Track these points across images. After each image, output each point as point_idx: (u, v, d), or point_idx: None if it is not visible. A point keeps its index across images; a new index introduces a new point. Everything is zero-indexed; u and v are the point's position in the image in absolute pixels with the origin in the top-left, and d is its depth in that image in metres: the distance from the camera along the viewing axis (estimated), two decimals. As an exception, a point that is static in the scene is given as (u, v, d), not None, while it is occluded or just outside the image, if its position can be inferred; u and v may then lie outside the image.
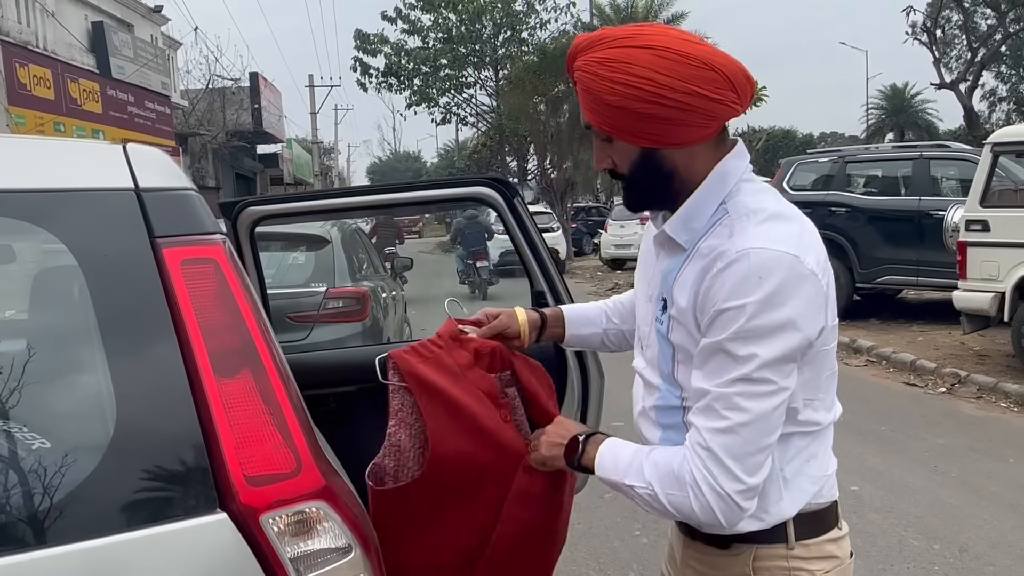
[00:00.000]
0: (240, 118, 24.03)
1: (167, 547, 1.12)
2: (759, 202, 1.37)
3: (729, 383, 1.28)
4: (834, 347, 1.42)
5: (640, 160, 1.39)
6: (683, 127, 1.34)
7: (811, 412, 1.40)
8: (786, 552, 1.42)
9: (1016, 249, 6.87)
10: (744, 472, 1.29)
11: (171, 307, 1.21)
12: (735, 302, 1.27)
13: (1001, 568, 3.83)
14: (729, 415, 1.28)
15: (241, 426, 1.19)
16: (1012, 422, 6.22)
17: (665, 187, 1.41)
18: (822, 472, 1.45)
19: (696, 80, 1.30)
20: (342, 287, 5.66)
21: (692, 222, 1.39)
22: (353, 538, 1.25)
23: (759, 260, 1.27)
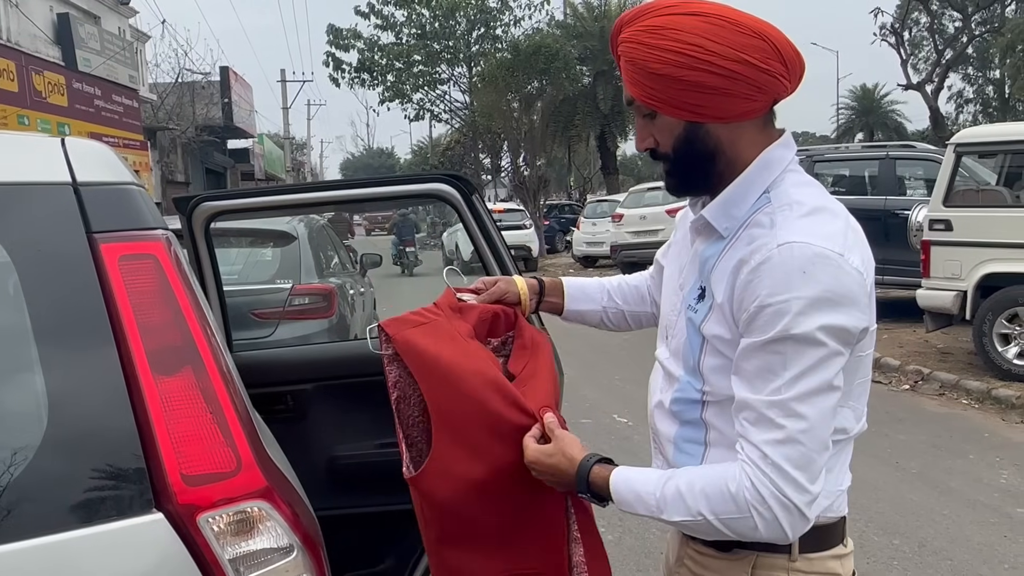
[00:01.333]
0: (210, 112, 23.77)
1: (101, 548, 1.10)
2: (804, 194, 1.31)
3: (784, 388, 1.22)
4: (871, 354, 1.36)
5: (684, 135, 1.33)
6: (730, 97, 1.28)
7: (842, 419, 1.32)
8: (787, 564, 1.35)
9: (978, 248, 6.97)
10: (809, 481, 1.23)
11: (108, 304, 1.18)
12: (780, 298, 1.21)
13: (959, 563, 3.89)
14: (787, 423, 1.21)
15: (180, 425, 1.17)
16: (972, 419, 6.32)
17: (709, 167, 1.34)
18: (836, 487, 1.38)
19: (747, 48, 1.26)
20: (308, 284, 5.62)
21: (733, 209, 1.33)
22: (295, 538, 1.23)
23: (804, 255, 1.21)
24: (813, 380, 1.21)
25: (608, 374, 7.58)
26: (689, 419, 1.37)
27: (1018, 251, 6.73)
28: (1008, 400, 6.44)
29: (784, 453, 1.21)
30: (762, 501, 1.22)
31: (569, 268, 20.24)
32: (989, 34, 26.62)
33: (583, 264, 19.96)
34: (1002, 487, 4.85)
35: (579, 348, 8.55)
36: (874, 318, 1.31)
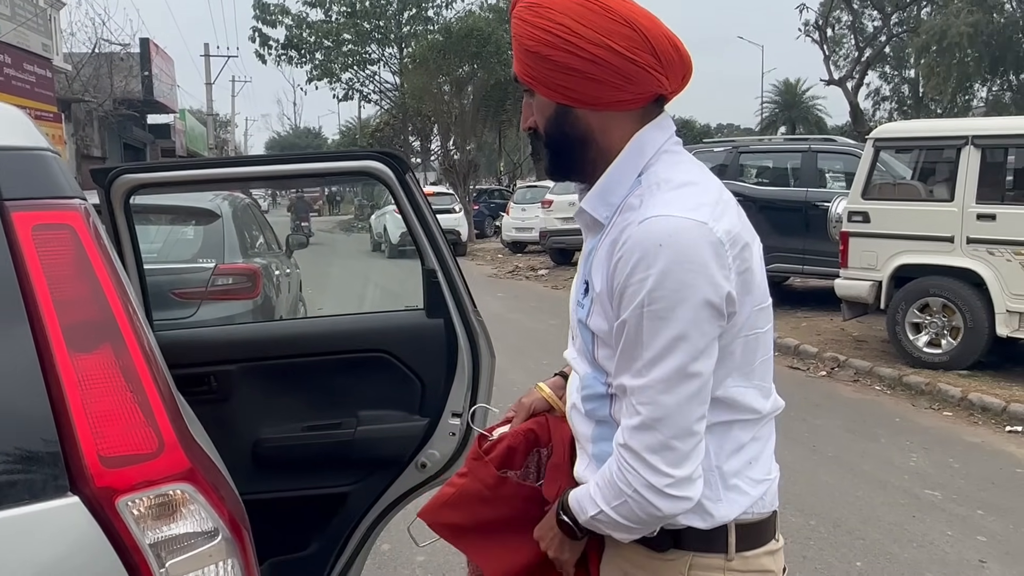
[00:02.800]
0: (129, 86, 22.87)
1: (13, 533, 1.04)
2: (675, 171, 1.29)
3: (641, 371, 1.21)
4: (769, 330, 1.35)
5: (555, 117, 1.32)
6: (596, 83, 1.26)
7: (748, 399, 1.32)
8: (724, 563, 1.33)
9: (893, 240, 7.22)
10: (670, 465, 1.21)
11: (20, 276, 1.12)
12: (637, 276, 1.19)
13: (871, 542, 4.03)
14: (643, 410, 1.21)
15: (97, 404, 1.11)
16: (885, 404, 6.56)
17: (578, 153, 1.33)
18: (765, 475, 1.37)
19: (613, 34, 1.24)
20: (232, 263, 5.47)
21: (610, 196, 1.31)
22: (220, 521, 1.19)
23: (660, 227, 1.19)
24: (671, 363, 1.19)
25: (536, 358, 7.62)
26: (601, 417, 1.35)
27: (930, 243, 7.00)
28: (918, 387, 6.70)
29: (640, 439, 1.21)
30: (628, 485, 1.22)
31: (498, 253, 20.25)
32: (906, 34, 27.54)
33: (512, 250, 20.00)
34: (911, 469, 5.05)
35: (507, 333, 8.57)
36: (764, 295, 1.31)
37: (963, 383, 6.58)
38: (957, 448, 5.46)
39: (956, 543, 4.03)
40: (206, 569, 1.18)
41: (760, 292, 1.30)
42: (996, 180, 7.12)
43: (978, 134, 6.88)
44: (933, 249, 6.99)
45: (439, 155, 28.90)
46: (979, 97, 31.35)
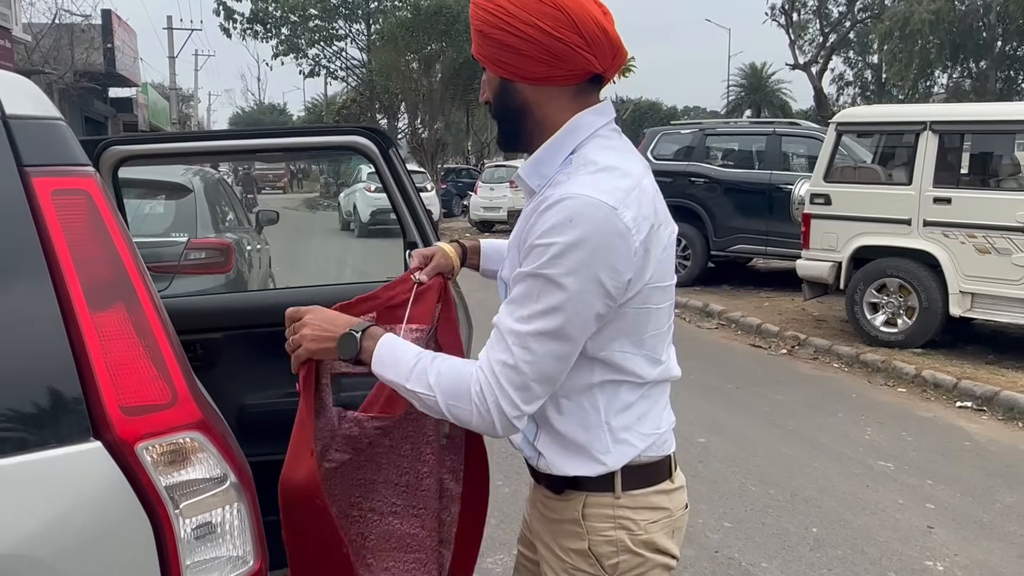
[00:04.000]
0: (90, 58, 22.42)
1: (42, 472, 1.12)
2: (602, 155, 1.42)
3: (524, 320, 1.35)
4: (666, 308, 1.48)
5: (499, 90, 1.48)
6: (527, 59, 1.41)
7: (633, 365, 1.45)
8: (613, 501, 1.48)
9: (853, 222, 7.43)
10: (524, 402, 1.37)
11: (42, 238, 1.19)
12: (544, 240, 1.32)
13: (826, 509, 4.22)
14: (516, 352, 1.35)
15: (115, 358, 1.19)
16: (843, 381, 6.78)
17: (518, 123, 1.49)
18: (654, 429, 1.51)
19: (541, 15, 1.38)
20: (205, 238, 5.49)
21: (542, 168, 1.46)
22: (228, 468, 1.28)
23: (575, 205, 1.32)
24: (550, 321, 1.33)
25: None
26: None
27: (888, 226, 7.22)
28: (874, 364, 6.93)
29: (507, 376, 1.36)
30: (483, 403, 1.37)
31: (466, 232, 20.29)
32: (870, 20, 27.91)
33: (480, 229, 20.05)
34: (866, 442, 5.26)
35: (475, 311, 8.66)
36: (661, 276, 1.44)
37: (917, 361, 6.82)
38: (910, 422, 5.68)
39: (906, 510, 4.23)
40: (215, 511, 1.27)
41: (659, 273, 1.43)
42: (952, 165, 7.35)
43: (936, 120, 7.09)
44: (891, 231, 7.21)
45: (407, 133, 28.76)
46: (940, 84, 31.90)
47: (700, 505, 4.23)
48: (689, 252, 10.64)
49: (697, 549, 3.74)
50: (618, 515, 1.49)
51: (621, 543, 1.49)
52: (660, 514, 1.52)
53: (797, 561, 3.67)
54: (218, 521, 1.27)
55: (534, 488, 1.62)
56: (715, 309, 9.22)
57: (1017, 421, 5.69)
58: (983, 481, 4.64)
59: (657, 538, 1.51)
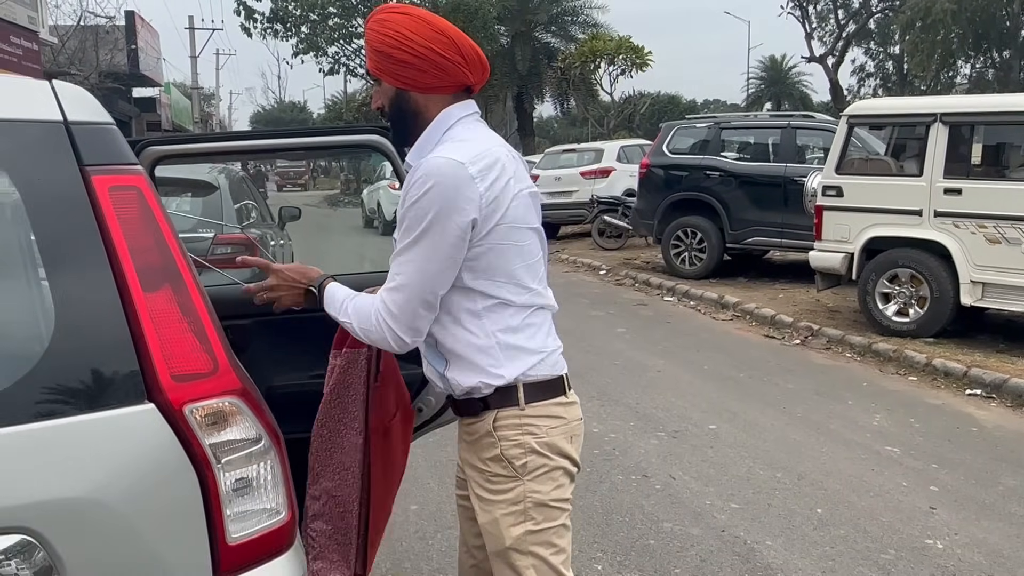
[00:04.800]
0: (115, 59, 22.83)
1: (103, 429, 1.30)
2: (461, 133, 1.84)
3: (401, 252, 1.77)
4: (528, 246, 1.87)
5: (395, 98, 1.89)
6: (422, 73, 1.82)
7: (507, 293, 1.83)
8: (518, 412, 1.85)
9: (865, 213, 7.52)
10: (407, 319, 1.79)
11: (100, 228, 1.37)
12: (411, 192, 1.74)
13: (831, 492, 4.35)
14: (395, 279, 1.78)
15: (165, 332, 1.37)
16: (854, 370, 6.89)
17: (412, 124, 1.89)
18: (541, 347, 1.88)
19: (433, 40, 1.81)
20: (231, 234, 5.69)
21: (422, 151, 1.85)
22: (262, 429, 1.46)
23: (431, 164, 1.74)
24: (415, 252, 1.75)
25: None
26: None
27: (900, 217, 7.30)
28: (886, 353, 7.03)
29: (393, 299, 1.78)
30: (381, 322, 1.80)
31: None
32: (890, 11, 27.77)
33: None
34: (874, 429, 5.38)
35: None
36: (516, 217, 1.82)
37: (928, 350, 6.91)
38: (919, 410, 5.79)
39: (910, 492, 4.36)
40: (251, 468, 1.44)
41: (514, 216, 1.81)
42: (963, 156, 7.41)
43: (946, 112, 7.16)
44: (902, 222, 7.29)
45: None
46: (962, 74, 31.67)
47: (709, 488, 4.38)
48: (704, 245, 10.74)
49: (704, 528, 3.89)
50: (523, 423, 1.85)
51: (528, 445, 1.84)
52: (558, 422, 1.88)
53: (801, 539, 3.81)
54: (253, 476, 1.45)
55: (459, 425, 1.99)
56: (730, 301, 9.33)
57: (1025, 408, 5.78)
58: (988, 465, 4.75)
59: (558, 441, 1.87)
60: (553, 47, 30.16)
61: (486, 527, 1.89)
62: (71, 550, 1.25)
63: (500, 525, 1.85)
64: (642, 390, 6.17)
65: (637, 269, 11.90)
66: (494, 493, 1.87)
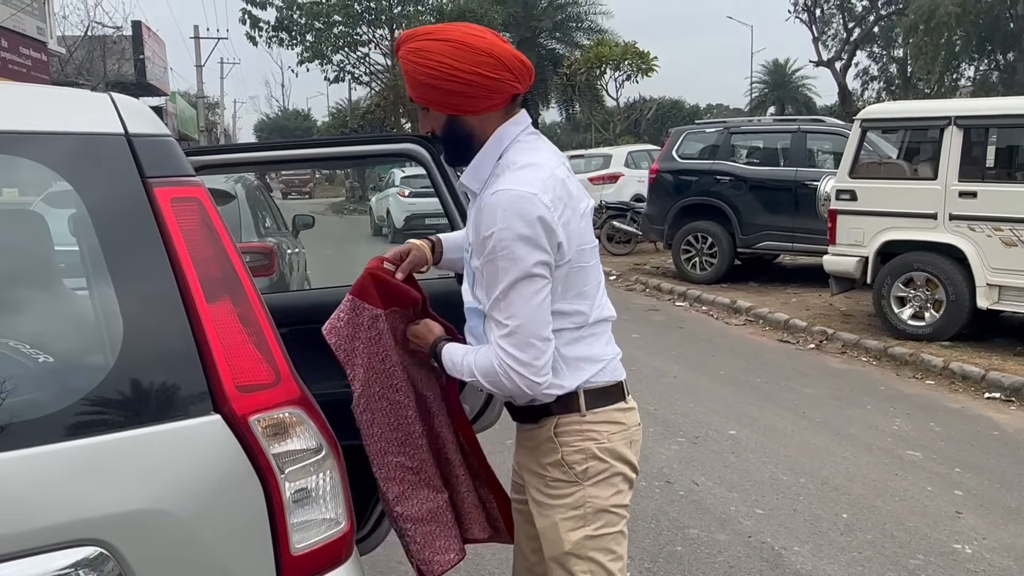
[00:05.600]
0: (122, 68, 22.94)
1: (172, 440, 1.30)
2: (521, 156, 1.80)
3: (502, 295, 1.72)
4: (594, 264, 1.87)
5: (447, 124, 1.84)
6: (472, 99, 1.78)
7: (578, 309, 1.83)
8: (580, 419, 1.86)
9: (879, 217, 7.51)
10: (532, 359, 1.74)
11: (164, 240, 1.38)
12: (487, 231, 1.71)
13: (855, 497, 4.34)
14: (506, 325, 1.73)
15: (228, 343, 1.37)
16: (871, 374, 6.87)
17: (468, 145, 1.85)
18: (601, 354, 1.89)
19: (479, 64, 1.75)
20: (248, 242, 5.70)
21: (478, 173, 1.83)
22: (323, 439, 1.46)
23: (505, 198, 1.70)
24: (516, 293, 1.71)
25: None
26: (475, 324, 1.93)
27: (914, 220, 7.29)
28: (902, 357, 7.02)
29: (511, 342, 1.74)
30: (506, 373, 1.75)
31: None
32: (894, 14, 27.78)
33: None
34: (895, 433, 5.36)
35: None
36: (582, 241, 1.81)
37: (945, 353, 6.89)
38: (938, 413, 5.78)
39: (935, 497, 4.34)
40: (313, 478, 1.44)
41: (581, 238, 1.81)
42: (977, 159, 7.41)
43: (960, 115, 7.16)
44: (917, 226, 7.28)
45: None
46: (967, 76, 31.62)
47: (733, 493, 4.37)
48: (715, 249, 10.74)
49: (731, 534, 3.88)
50: (585, 429, 1.86)
51: (589, 451, 1.86)
52: (619, 427, 1.89)
53: (828, 545, 3.80)
54: (314, 486, 1.45)
55: (518, 431, 1.99)
56: (743, 305, 9.32)
57: (1045, 411, 5.76)
58: (1011, 469, 4.74)
59: (618, 446, 1.87)
60: (558, 53, 30.23)
61: (544, 531, 1.89)
62: (141, 561, 1.25)
63: (559, 529, 1.85)
64: (660, 396, 6.16)
65: (647, 274, 11.89)
66: (554, 498, 1.87)
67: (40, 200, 1.86)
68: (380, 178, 22.97)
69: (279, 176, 38.57)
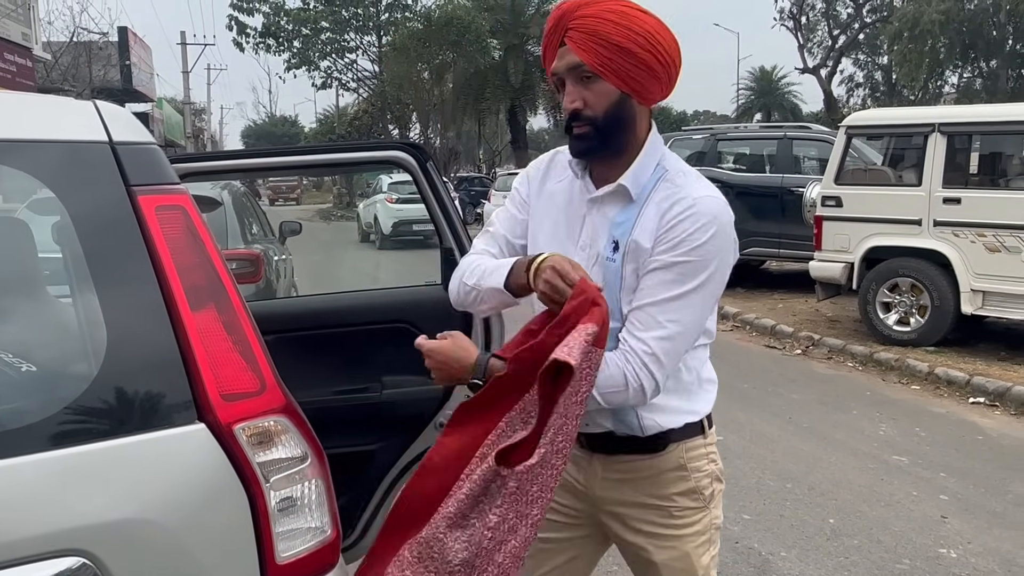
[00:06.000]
0: (108, 74, 22.86)
1: (156, 450, 1.30)
2: (684, 167, 1.71)
3: (679, 297, 1.59)
4: None
5: (616, 102, 1.62)
6: (656, 83, 1.63)
7: (712, 326, 1.76)
8: (704, 442, 1.79)
9: (865, 223, 7.56)
10: (671, 367, 1.63)
11: (148, 247, 1.37)
12: (696, 234, 1.58)
13: (842, 502, 4.36)
14: (668, 327, 1.59)
15: (213, 351, 1.37)
16: (857, 379, 6.91)
17: (623, 135, 1.66)
18: (713, 374, 1.83)
19: (675, 48, 1.64)
20: (235, 249, 5.68)
21: (640, 177, 1.67)
22: (308, 448, 1.45)
23: (713, 205, 1.61)
24: (695, 298, 1.61)
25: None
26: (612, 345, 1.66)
27: (900, 226, 7.34)
28: (888, 362, 7.06)
29: (663, 347, 1.60)
30: (638, 375, 1.59)
31: (480, 240, 20.43)
32: (879, 22, 28.00)
33: (493, 236, 20.18)
34: (880, 438, 5.39)
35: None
36: None
37: (930, 359, 6.94)
38: (924, 418, 5.81)
39: (921, 501, 4.36)
40: (298, 487, 1.44)
41: None
42: (961, 165, 7.47)
43: (944, 122, 7.22)
44: (902, 232, 7.33)
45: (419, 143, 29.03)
46: (950, 83, 31.92)
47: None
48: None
49: (718, 540, 3.89)
50: (708, 452, 1.79)
51: (713, 475, 1.80)
52: (716, 445, 1.84)
53: (815, 550, 3.81)
54: (300, 495, 1.44)
55: (604, 461, 1.78)
56: (730, 311, 9.35)
57: (1029, 415, 5.80)
58: (996, 473, 4.77)
59: (721, 463, 1.83)
60: (546, 60, 30.28)
61: (669, 563, 1.78)
62: (125, 571, 1.25)
63: (691, 558, 1.78)
64: (647, 402, 6.17)
65: (635, 280, 11.91)
66: (681, 527, 1.78)
67: (24, 207, 1.85)
68: (367, 184, 22.98)
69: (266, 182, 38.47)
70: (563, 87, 1.66)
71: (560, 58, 1.63)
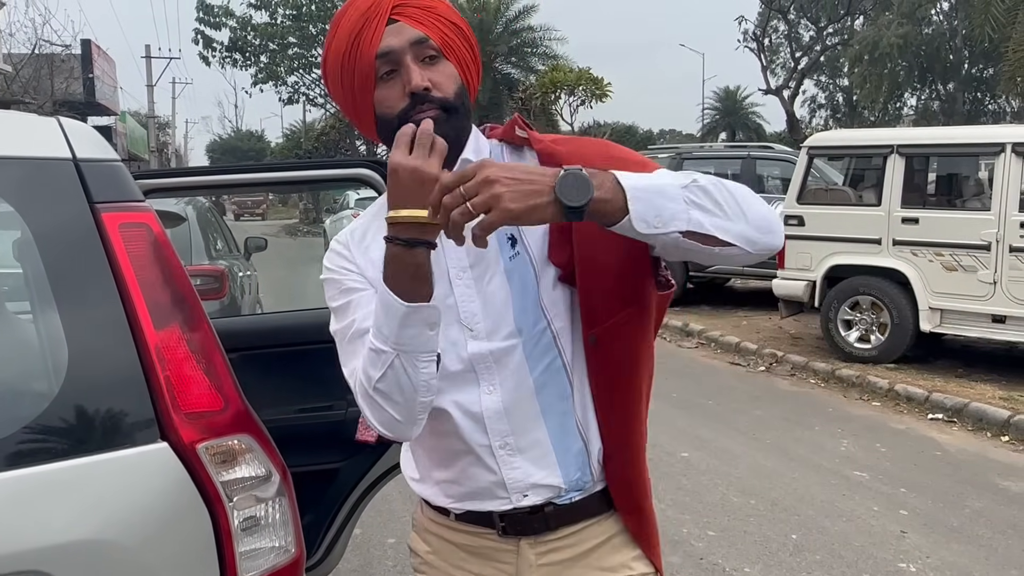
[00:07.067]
0: (70, 87, 22.51)
1: (117, 469, 1.28)
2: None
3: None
4: None
5: (460, 91, 1.35)
6: (477, 79, 1.41)
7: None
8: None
9: (826, 242, 7.69)
10: None
11: (112, 265, 1.36)
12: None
13: (805, 518, 4.41)
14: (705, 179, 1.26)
15: (176, 370, 1.36)
16: (819, 396, 7.00)
17: (467, 125, 1.40)
18: None
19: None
20: (200, 265, 5.63)
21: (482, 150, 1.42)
22: (272, 467, 1.45)
23: None
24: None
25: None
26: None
27: (860, 245, 7.48)
28: (849, 379, 7.16)
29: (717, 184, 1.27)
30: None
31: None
32: (840, 45, 28.57)
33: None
34: (842, 454, 5.46)
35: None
36: None
37: (890, 375, 7.06)
38: (884, 434, 5.90)
39: (881, 517, 4.43)
40: (262, 506, 1.43)
41: None
42: (919, 186, 7.64)
43: (903, 143, 7.38)
44: (862, 251, 7.47)
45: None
46: (909, 105, 32.62)
47: (685, 515, 4.41)
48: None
49: (683, 556, 3.91)
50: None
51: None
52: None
53: (778, 566, 3.85)
54: (263, 514, 1.44)
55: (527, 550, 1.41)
56: (695, 328, 9.44)
57: (986, 431, 5.92)
58: (954, 488, 4.85)
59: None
60: (513, 78, 30.49)
61: None
62: (85, 593, 1.23)
63: None
64: (613, 418, 6.19)
65: (601, 297, 11.98)
66: None
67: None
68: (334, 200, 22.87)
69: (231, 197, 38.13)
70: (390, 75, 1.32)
71: (394, 35, 1.31)
